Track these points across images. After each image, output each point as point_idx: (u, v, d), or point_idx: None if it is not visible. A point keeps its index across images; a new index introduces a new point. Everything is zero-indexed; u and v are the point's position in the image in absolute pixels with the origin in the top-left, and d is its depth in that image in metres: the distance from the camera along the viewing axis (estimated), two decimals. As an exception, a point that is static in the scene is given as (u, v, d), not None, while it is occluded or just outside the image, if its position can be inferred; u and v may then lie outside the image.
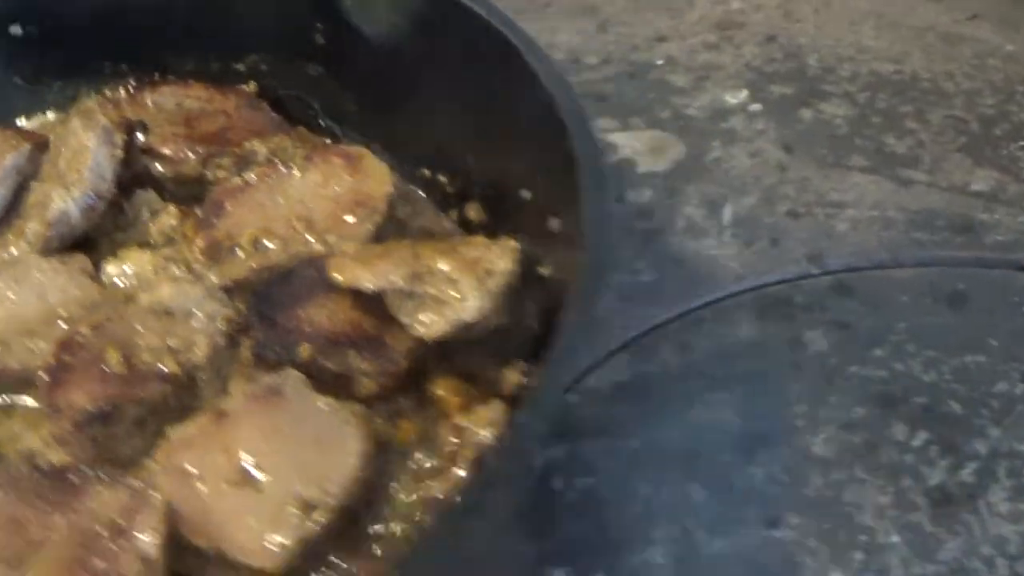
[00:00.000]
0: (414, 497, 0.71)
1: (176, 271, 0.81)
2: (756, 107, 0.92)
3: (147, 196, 0.87)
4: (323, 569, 0.68)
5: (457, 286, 0.74)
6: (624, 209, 0.87)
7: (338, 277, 0.77)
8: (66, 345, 0.75)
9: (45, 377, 0.73)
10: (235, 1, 0.91)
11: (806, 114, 0.92)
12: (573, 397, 0.68)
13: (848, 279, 0.83)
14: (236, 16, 0.91)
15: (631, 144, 0.89)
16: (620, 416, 0.77)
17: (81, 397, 0.73)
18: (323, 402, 0.72)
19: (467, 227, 0.83)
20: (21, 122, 0.93)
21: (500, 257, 0.75)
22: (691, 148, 0.91)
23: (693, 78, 0.94)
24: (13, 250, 0.83)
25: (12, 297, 0.80)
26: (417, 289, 0.75)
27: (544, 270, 0.74)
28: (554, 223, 0.73)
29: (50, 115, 0.94)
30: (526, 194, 0.77)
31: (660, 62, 0.94)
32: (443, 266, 0.75)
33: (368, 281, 0.76)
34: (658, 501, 0.72)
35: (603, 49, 0.96)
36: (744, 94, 0.93)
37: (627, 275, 0.83)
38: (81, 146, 0.85)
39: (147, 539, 0.66)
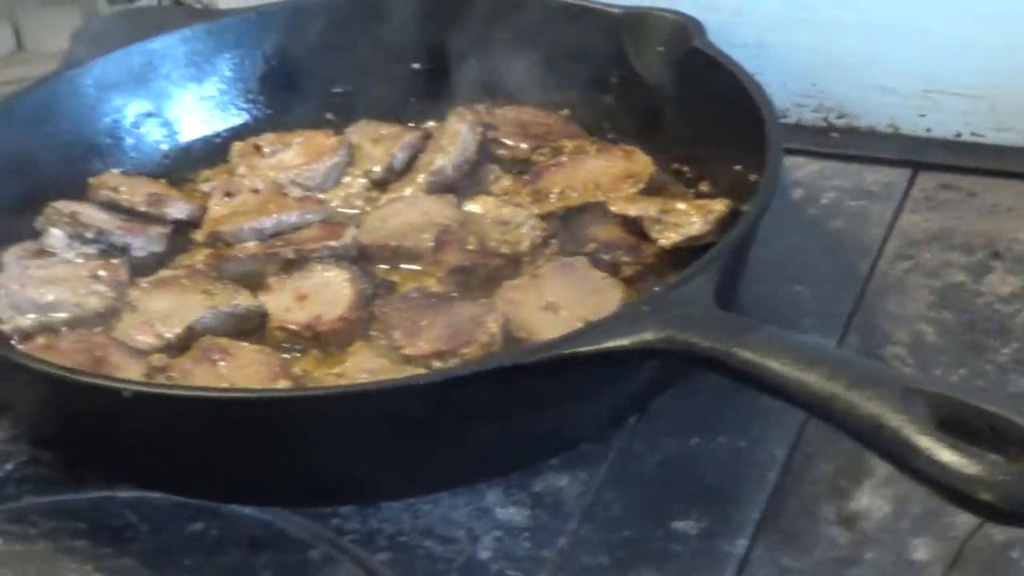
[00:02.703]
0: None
1: (510, 208, 1.28)
2: None
3: (492, 167, 1.34)
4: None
5: (688, 217, 1.19)
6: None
7: (612, 208, 1.23)
8: (444, 230, 1.22)
9: (431, 243, 1.20)
10: (559, 58, 1.38)
11: None
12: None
13: None
14: (557, 67, 1.38)
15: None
16: None
17: (452, 256, 1.19)
18: (599, 275, 1.17)
19: (700, 197, 1.28)
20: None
21: (717, 203, 1.20)
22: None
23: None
24: (407, 191, 1.31)
25: (405, 212, 1.27)
26: (664, 217, 1.20)
27: (746, 208, 1.17)
28: (752, 177, 1.17)
29: (431, 123, 1.41)
30: (737, 167, 1.22)
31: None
32: (680, 206, 1.21)
33: (631, 210, 1.22)
34: None
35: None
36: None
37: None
38: (455, 130, 1.33)
39: (493, 324, 1.11)
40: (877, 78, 1.37)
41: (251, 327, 1.17)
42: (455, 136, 1.32)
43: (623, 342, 0.93)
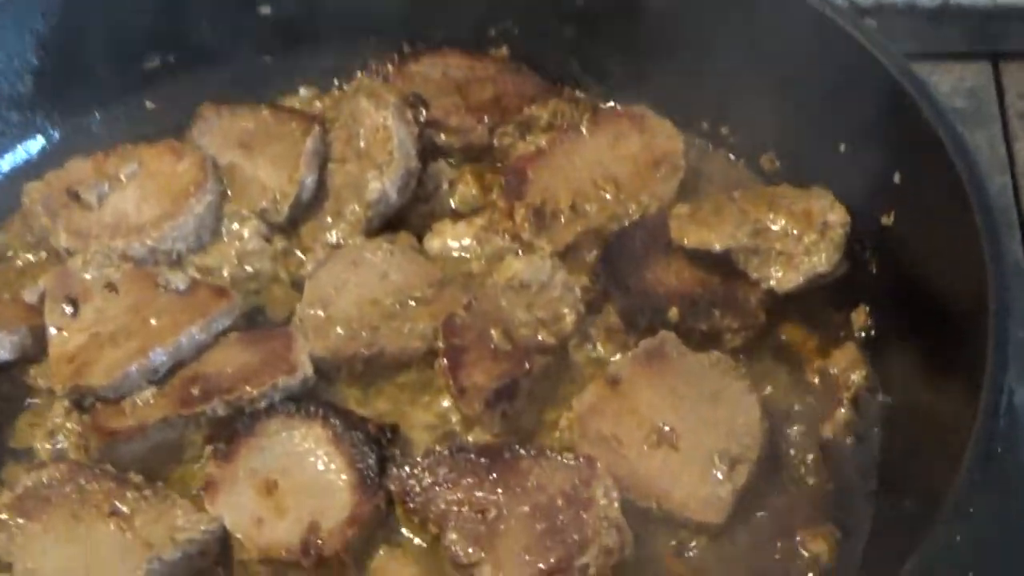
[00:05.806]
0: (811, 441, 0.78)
1: (500, 241, 0.86)
2: None
3: (439, 166, 0.91)
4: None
5: (801, 241, 0.81)
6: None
7: (685, 241, 0.82)
8: (450, 329, 0.79)
9: (445, 362, 0.78)
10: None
11: None
12: None
13: None
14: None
15: None
16: None
17: (482, 377, 0.78)
18: (704, 360, 0.78)
19: (760, 175, 0.89)
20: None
21: (831, 209, 0.82)
22: None
23: None
24: (335, 233, 0.87)
25: (355, 280, 0.84)
26: (761, 245, 0.81)
27: (886, 220, 0.80)
28: (897, 177, 0.79)
29: (303, 91, 0.96)
30: (843, 147, 0.83)
31: None
32: (779, 220, 0.82)
33: (716, 242, 0.82)
34: None
35: None
36: None
37: None
38: (379, 126, 0.88)
39: (605, 500, 0.71)
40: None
41: (208, 562, 0.73)
42: (383, 134, 0.88)
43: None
